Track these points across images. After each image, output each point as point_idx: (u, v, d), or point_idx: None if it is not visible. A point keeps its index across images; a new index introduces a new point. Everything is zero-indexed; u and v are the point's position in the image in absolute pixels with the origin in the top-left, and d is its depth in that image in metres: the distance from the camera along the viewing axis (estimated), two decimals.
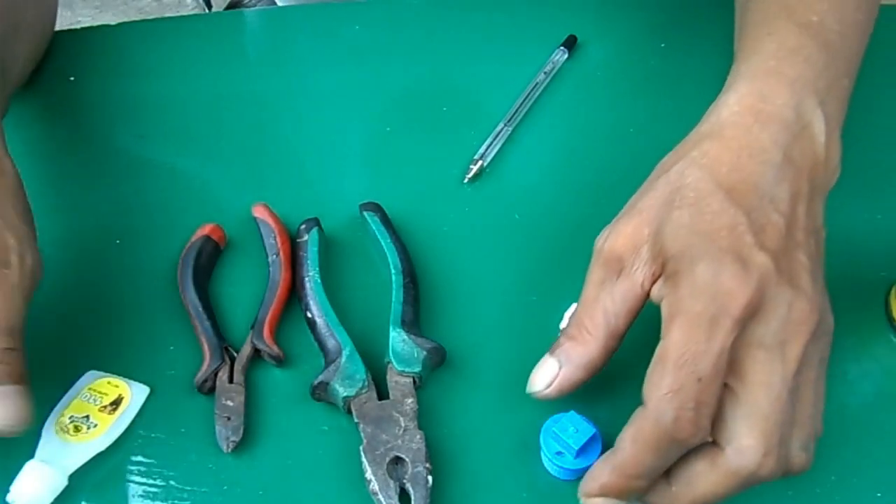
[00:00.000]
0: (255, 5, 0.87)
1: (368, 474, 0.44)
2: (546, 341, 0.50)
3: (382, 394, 0.47)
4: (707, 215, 0.40)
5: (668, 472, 0.40)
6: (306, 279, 0.50)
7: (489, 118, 0.60)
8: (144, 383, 0.48)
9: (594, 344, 0.42)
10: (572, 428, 0.44)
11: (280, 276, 0.50)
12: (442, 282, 0.53)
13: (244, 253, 0.54)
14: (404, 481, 0.44)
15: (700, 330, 0.37)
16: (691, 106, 0.47)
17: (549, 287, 0.52)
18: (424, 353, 0.47)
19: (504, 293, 0.53)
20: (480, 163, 0.58)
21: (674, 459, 0.39)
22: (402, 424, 0.45)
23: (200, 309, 0.49)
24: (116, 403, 0.46)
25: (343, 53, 0.65)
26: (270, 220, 0.52)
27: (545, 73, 0.63)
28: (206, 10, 0.95)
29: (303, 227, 0.52)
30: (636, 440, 0.38)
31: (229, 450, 0.45)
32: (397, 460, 0.44)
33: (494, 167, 0.58)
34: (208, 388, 0.47)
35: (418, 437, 0.45)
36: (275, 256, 0.51)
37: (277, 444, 0.47)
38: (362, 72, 0.63)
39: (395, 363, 0.47)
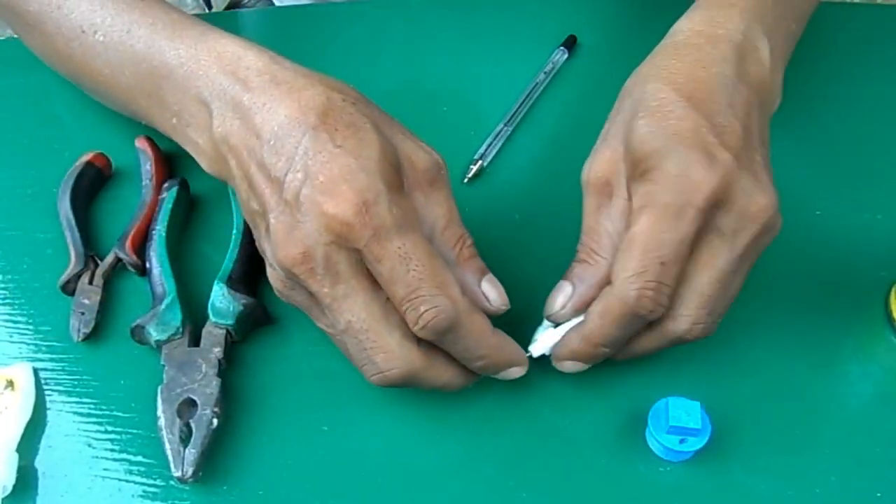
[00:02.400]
0: (254, 5, 0.87)
1: (159, 412, 0.46)
2: None
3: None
4: (671, 120, 0.43)
5: None
6: (154, 232, 0.52)
7: (489, 118, 0.60)
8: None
9: (604, 263, 0.45)
10: (682, 412, 0.45)
11: (150, 198, 0.54)
12: None
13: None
14: (191, 422, 0.45)
15: (667, 219, 0.41)
16: None
17: (549, 287, 0.52)
18: (241, 307, 0.49)
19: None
20: (480, 163, 0.58)
21: (635, 331, 0.44)
22: (203, 371, 0.47)
23: (73, 221, 0.53)
24: (10, 384, 0.48)
25: (342, 53, 0.65)
26: (149, 150, 0.56)
27: (545, 73, 0.63)
28: (206, 10, 0.95)
29: (165, 185, 0.54)
30: (603, 315, 0.43)
31: (79, 339, 0.49)
32: (190, 402, 0.46)
33: (494, 167, 0.58)
34: (71, 290, 0.51)
35: (215, 383, 0.47)
36: (148, 181, 0.55)
37: (276, 446, 0.47)
38: (362, 71, 0.63)
39: (210, 315, 0.49)
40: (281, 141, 0.41)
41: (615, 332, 0.43)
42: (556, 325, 0.47)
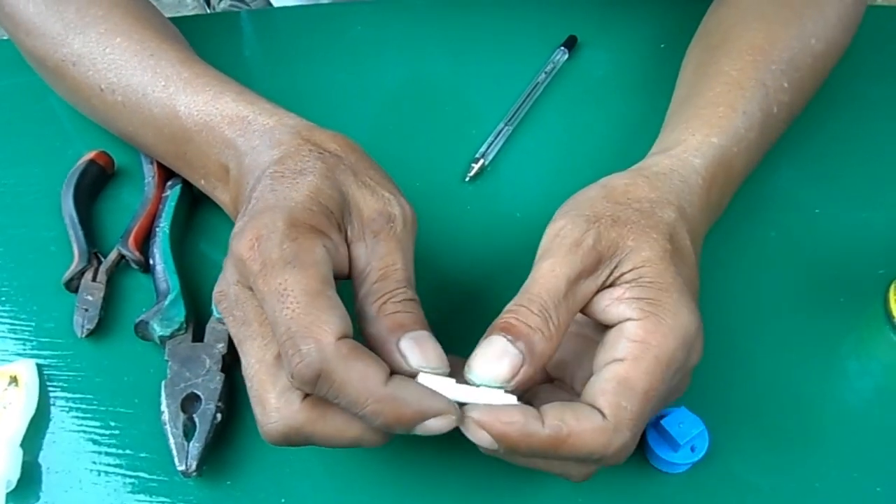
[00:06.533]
0: (256, 6, 0.88)
1: (163, 406, 0.46)
2: None
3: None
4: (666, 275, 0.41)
5: None
6: (157, 229, 0.53)
7: (490, 117, 0.61)
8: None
9: (556, 342, 0.39)
10: (677, 424, 0.45)
11: (152, 195, 0.55)
12: (443, 280, 0.53)
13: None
14: (194, 416, 0.46)
15: (666, 370, 0.39)
16: None
17: None
18: None
19: (505, 291, 0.53)
20: (482, 162, 0.58)
21: None
22: (207, 366, 0.47)
23: (76, 219, 0.53)
24: (14, 380, 0.48)
25: (344, 53, 0.65)
26: None
27: (546, 72, 0.63)
28: (206, 10, 0.95)
29: (168, 183, 0.55)
30: (579, 434, 0.38)
31: (83, 335, 0.49)
32: (194, 397, 0.46)
33: (495, 166, 0.59)
34: (74, 287, 0.51)
35: (218, 378, 0.47)
36: (150, 179, 0.55)
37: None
38: (363, 71, 0.64)
39: (214, 311, 0.49)
40: (252, 190, 0.42)
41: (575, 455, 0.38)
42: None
